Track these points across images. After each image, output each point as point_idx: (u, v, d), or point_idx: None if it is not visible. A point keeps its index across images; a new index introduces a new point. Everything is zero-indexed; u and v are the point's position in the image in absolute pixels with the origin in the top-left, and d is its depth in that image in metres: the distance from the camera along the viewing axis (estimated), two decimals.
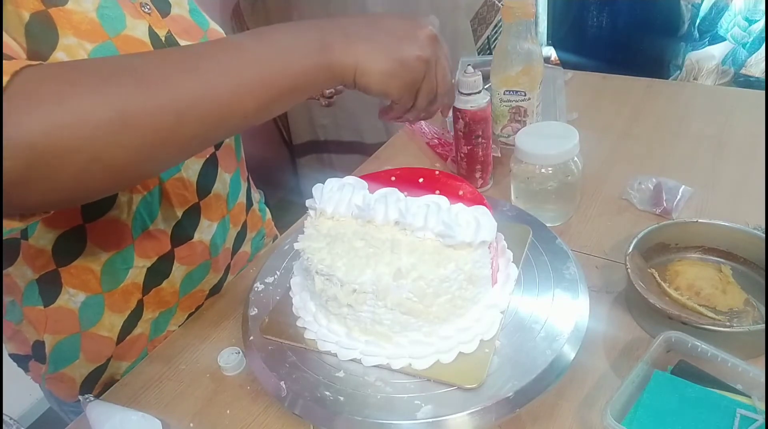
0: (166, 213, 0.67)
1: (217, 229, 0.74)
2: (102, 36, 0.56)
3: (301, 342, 0.61)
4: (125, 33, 0.59)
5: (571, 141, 0.74)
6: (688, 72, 2.04)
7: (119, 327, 0.69)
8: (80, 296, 0.66)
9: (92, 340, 0.69)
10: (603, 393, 0.57)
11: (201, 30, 0.70)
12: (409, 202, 0.60)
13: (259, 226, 0.86)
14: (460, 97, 0.81)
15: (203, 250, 0.73)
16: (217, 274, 0.77)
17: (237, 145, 0.77)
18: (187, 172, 0.68)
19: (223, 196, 0.74)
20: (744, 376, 0.53)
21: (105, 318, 0.68)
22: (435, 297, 0.54)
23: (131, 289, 0.68)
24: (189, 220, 0.70)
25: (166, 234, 0.68)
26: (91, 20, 0.56)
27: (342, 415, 0.53)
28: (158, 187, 0.65)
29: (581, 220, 0.80)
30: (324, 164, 1.93)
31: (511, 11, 0.85)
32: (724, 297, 0.63)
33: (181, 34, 0.66)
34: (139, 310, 0.70)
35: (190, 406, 0.62)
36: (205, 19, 0.72)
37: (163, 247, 0.69)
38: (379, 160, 1.03)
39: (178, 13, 0.68)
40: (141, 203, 0.64)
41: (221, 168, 0.73)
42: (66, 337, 0.68)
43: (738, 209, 0.75)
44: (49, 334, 0.68)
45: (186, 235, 0.70)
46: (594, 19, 1.56)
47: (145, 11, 0.63)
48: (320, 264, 0.57)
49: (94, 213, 0.62)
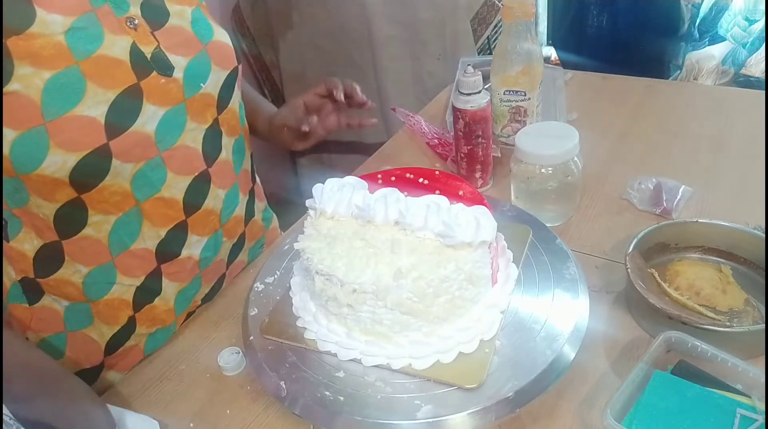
0: (149, 232, 0.65)
1: (208, 243, 0.71)
2: (67, 61, 0.54)
3: (301, 342, 0.61)
4: (98, 53, 0.56)
5: (571, 141, 0.74)
6: (688, 72, 2.03)
7: (108, 337, 0.68)
8: (64, 302, 0.65)
9: (80, 341, 0.68)
10: (603, 393, 0.57)
11: (200, 43, 0.66)
12: (409, 202, 0.60)
13: (259, 235, 0.84)
14: (460, 97, 0.81)
15: (193, 266, 0.71)
16: (208, 284, 0.75)
17: (237, 160, 0.74)
18: (170, 190, 0.64)
19: (216, 211, 0.71)
20: (744, 376, 0.53)
21: (95, 324, 0.67)
22: (435, 297, 0.55)
23: (118, 305, 0.67)
24: (175, 237, 0.67)
25: (150, 252, 0.66)
26: (56, 44, 0.53)
27: (342, 415, 0.53)
28: (137, 207, 0.63)
29: (581, 220, 0.80)
30: (324, 164, 1.93)
31: (511, 11, 0.85)
32: (724, 297, 0.63)
33: (174, 48, 0.63)
34: (131, 326, 0.69)
35: (190, 406, 0.62)
36: (209, 30, 0.68)
37: (149, 265, 0.67)
38: (379, 160, 1.03)
39: (176, 24, 0.64)
40: (117, 223, 0.62)
41: (214, 184, 0.69)
42: (51, 336, 0.67)
43: (738, 209, 0.75)
44: (34, 332, 0.67)
45: (172, 252, 0.68)
46: (594, 19, 1.56)
47: (130, 26, 0.59)
48: (320, 264, 0.57)
49: (67, 231, 0.61)
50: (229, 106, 0.70)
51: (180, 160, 0.64)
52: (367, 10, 1.50)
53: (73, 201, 0.59)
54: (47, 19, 0.53)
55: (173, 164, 0.64)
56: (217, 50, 0.68)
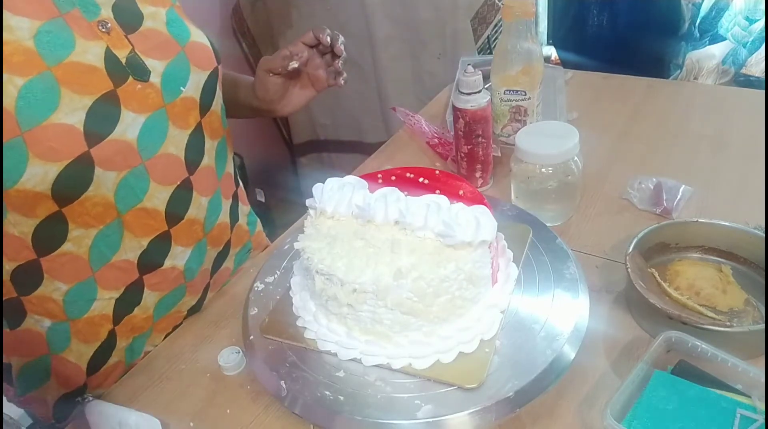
0: (130, 243, 0.63)
1: (192, 253, 0.70)
2: (38, 67, 0.52)
3: (301, 342, 0.61)
4: (70, 59, 0.54)
5: (571, 141, 0.74)
6: (689, 71, 2.03)
7: (89, 356, 0.66)
8: (46, 322, 0.63)
9: (62, 365, 0.66)
10: (603, 393, 0.57)
11: (178, 45, 0.64)
12: (409, 201, 0.60)
13: (245, 240, 0.82)
14: (461, 96, 0.81)
15: (177, 276, 0.69)
16: (194, 296, 0.74)
17: (220, 163, 0.72)
18: (152, 201, 0.63)
19: (200, 221, 0.69)
20: (744, 376, 0.53)
21: (72, 345, 0.65)
22: (435, 297, 0.55)
23: (99, 321, 0.65)
24: (157, 248, 0.65)
25: (131, 263, 0.64)
26: (25, 50, 0.51)
27: (342, 415, 0.53)
28: (118, 219, 0.61)
29: (581, 219, 0.80)
30: (324, 164, 1.93)
31: (512, 11, 0.85)
32: (724, 297, 0.63)
33: (149, 51, 0.61)
34: (112, 341, 0.67)
35: (190, 406, 0.62)
36: (186, 31, 0.66)
37: (130, 276, 0.65)
38: (379, 160, 1.03)
39: (150, 26, 0.62)
40: (98, 237, 0.61)
41: (197, 192, 0.68)
42: (34, 360, 0.65)
43: (738, 209, 0.75)
44: (16, 357, 0.65)
45: (154, 262, 0.66)
46: (594, 19, 1.56)
47: (103, 30, 0.57)
48: (320, 264, 0.57)
49: (45, 248, 0.59)
50: (212, 109, 0.69)
51: (162, 169, 0.63)
52: (367, 10, 1.50)
53: (53, 215, 0.57)
54: (12, 24, 0.51)
55: (156, 173, 0.62)
56: (195, 51, 0.66)
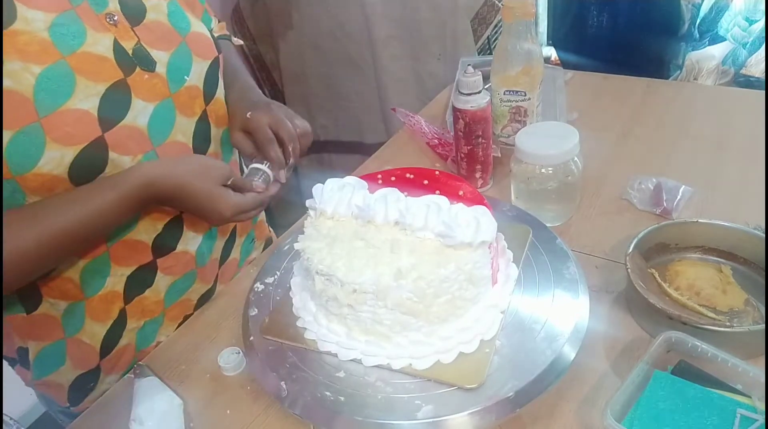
0: (145, 225, 0.66)
1: (203, 239, 0.73)
2: (54, 56, 0.54)
3: (301, 342, 0.61)
4: (83, 50, 0.56)
5: (571, 141, 0.74)
6: (689, 72, 2.03)
7: (102, 336, 0.68)
8: (62, 304, 0.65)
9: (77, 347, 0.68)
10: (603, 393, 0.57)
11: (179, 36, 0.66)
12: (409, 202, 0.60)
13: (248, 229, 0.85)
14: (460, 97, 0.81)
15: (189, 260, 0.72)
16: (205, 284, 0.76)
17: (226, 151, 0.75)
18: None
19: None
20: (744, 376, 0.53)
21: (87, 326, 0.67)
22: (435, 297, 0.55)
23: (111, 298, 0.67)
24: (170, 232, 0.68)
25: (146, 245, 0.67)
26: (41, 40, 0.54)
27: (342, 415, 0.53)
28: None
29: (581, 220, 0.80)
30: (324, 164, 1.93)
31: (511, 11, 0.85)
32: (724, 297, 0.63)
33: (154, 43, 0.63)
34: (123, 320, 0.69)
35: (190, 407, 0.62)
36: (186, 22, 0.68)
37: (144, 257, 0.67)
38: (379, 160, 1.03)
39: (153, 19, 0.64)
40: None
41: None
42: (50, 344, 0.67)
43: (738, 209, 0.75)
44: (33, 340, 0.67)
45: (168, 246, 0.69)
46: (594, 19, 1.56)
47: (110, 23, 0.60)
48: (320, 264, 0.57)
49: None
50: (216, 97, 0.71)
51: (172, 155, 0.65)
52: (367, 10, 1.50)
53: None
54: (28, 16, 0.54)
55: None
56: (196, 41, 0.68)
